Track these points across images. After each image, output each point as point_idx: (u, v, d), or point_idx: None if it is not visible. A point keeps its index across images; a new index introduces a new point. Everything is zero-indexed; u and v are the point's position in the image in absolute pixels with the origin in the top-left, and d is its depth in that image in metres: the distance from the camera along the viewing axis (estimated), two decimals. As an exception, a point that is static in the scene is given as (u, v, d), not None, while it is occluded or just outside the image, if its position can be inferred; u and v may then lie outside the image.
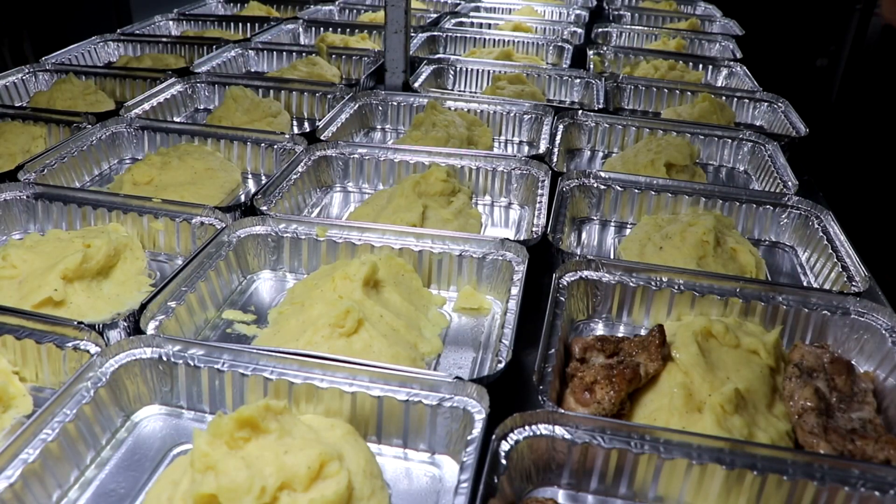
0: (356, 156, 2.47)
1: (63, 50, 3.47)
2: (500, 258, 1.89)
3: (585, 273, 1.83)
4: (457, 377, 1.41)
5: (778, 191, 2.43)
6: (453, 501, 1.19)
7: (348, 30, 4.12)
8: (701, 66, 3.82)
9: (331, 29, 4.13)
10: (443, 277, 1.95)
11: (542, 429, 1.33)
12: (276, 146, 2.52)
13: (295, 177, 2.29)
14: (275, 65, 3.64)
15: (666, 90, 3.34)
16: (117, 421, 1.45)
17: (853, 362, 1.69)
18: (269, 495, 1.21)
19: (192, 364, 1.47)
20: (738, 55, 4.02)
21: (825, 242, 2.09)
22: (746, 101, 3.27)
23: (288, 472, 1.23)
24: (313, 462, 1.23)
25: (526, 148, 2.90)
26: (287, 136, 2.53)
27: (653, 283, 1.82)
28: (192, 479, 1.24)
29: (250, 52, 3.64)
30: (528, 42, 4.00)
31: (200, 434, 1.25)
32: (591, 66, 3.60)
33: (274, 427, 1.29)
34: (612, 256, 2.17)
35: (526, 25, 4.35)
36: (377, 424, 1.44)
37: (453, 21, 4.35)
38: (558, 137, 2.66)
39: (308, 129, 2.71)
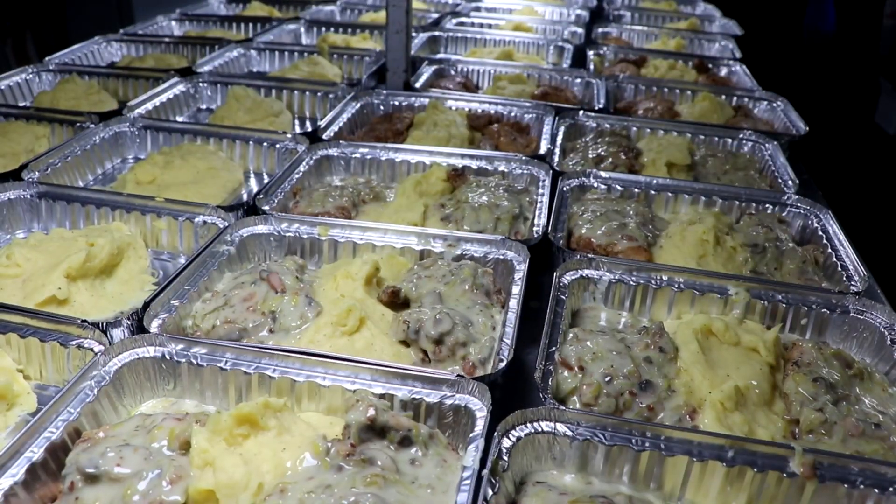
0: (357, 155, 2.48)
1: (66, 50, 3.48)
2: (502, 257, 1.90)
3: (586, 272, 1.84)
4: (459, 375, 1.42)
5: (778, 190, 2.43)
6: (456, 498, 1.19)
7: (350, 30, 4.13)
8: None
9: (332, 29, 4.13)
10: (444, 276, 1.95)
11: (544, 426, 1.34)
12: (278, 145, 2.53)
13: (297, 176, 2.29)
14: (277, 65, 3.65)
15: (666, 90, 3.34)
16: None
17: (852, 361, 1.70)
18: (266, 492, 1.22)
19: (195, 362, 1.47)
20: (738, 55, 4.02)
21: (825, 241, 2.09)
22: (746, 100, 3.27)
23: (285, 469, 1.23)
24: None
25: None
26: (289, 135, 2.54)
27: (653, 281, 1.83)
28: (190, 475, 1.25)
29: (252, 51, 3.65)
30: (528, 42, 4.00)
31: (199, 431, 1.26)
32: (592, 66, 3.60)
33: (273, 424, 1.30)
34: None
35: (526, 25, 4.35)
36: (379, 422, 1.44)
37: (454, 21, 4.36)
38: (559, 137, 2.67)
39: (310, 129, 2.72)
